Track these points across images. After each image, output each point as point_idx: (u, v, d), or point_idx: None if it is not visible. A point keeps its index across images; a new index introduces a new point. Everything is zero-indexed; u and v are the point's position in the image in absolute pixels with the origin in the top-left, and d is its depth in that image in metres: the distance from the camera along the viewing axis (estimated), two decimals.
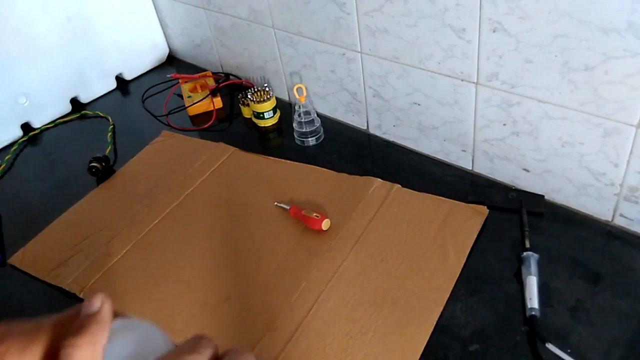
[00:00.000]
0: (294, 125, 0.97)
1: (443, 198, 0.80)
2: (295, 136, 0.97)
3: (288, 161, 0.92)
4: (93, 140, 1.06)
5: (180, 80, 1.15)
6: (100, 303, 0.31)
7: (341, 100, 0.98)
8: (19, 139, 1.09)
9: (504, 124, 0.77)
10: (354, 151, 0.95)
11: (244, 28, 1.05)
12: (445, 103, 0.82)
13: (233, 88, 1.14)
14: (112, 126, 1.08)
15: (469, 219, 0.77)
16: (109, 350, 0.29)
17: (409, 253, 0.73)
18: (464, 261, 0.72)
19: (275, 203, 0.83)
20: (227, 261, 0.77)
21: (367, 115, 0.96)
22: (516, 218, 0.77)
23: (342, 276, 0.72)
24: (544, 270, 0.69)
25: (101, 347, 0.29)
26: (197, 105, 1.08)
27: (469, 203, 0.79)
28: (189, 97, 1.10)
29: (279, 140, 1.01)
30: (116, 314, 0.32)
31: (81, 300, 0.75)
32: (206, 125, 1.05)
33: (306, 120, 0.95)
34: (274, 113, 1.02)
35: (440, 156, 0.90)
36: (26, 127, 1.10)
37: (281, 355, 0.64)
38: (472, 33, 0.72)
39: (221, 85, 1.12)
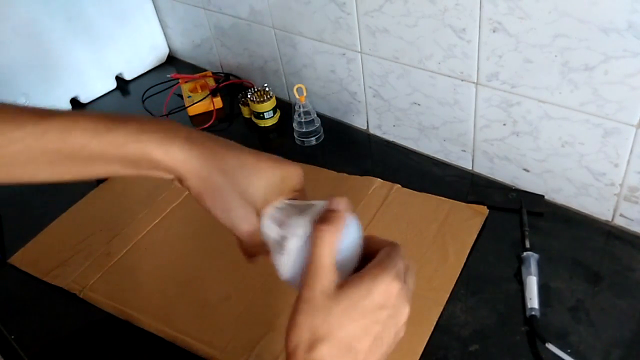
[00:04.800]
0: (294, 125, 0.97)
1: (443, 198, 0.80)
2: (295, 136, 0.97)
3: None
4: None
5: (180, 80, 1.15)
6: (344, 205, 0.43)
7: (341, 100, 0.98)
8: None
9: (504, 124, 0.77)
10: (354, 151, 0.95)
11: (244, 28, 1.05)
12: (445, 103, 0.82)
13: (233, 88, 1.14)
14: None
15: (469, 219, 0.77)
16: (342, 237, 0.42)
17: (409, 253, 0.73)
18: (464, 261, 0.72)
19: None
20: (227, 261, 0.77)
21: (367, 115, 0.96)
22: (516, 218, 0.77)
23: None
24: (544, 270, 0.69)
25: (340, 233, 0.41)
26: (197, 105, 1.08)
27: (469, 203, 0.79)
28: (189, 97, 1.10)
29: (279, 140, 1.01)
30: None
31: (81, 300, 0.75)
32: (206, 126, 1.05)
33: (306, 120, 0.95)
34: (274, 113, 1.02)
35: (440, 156, 0.90)
36: None
37: (281, 355, 0.64)
38: (472, 33, 0.72)
39: (221, 85, 1.12)
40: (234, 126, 1.06)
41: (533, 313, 0.64)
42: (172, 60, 1.30)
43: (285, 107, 1.05)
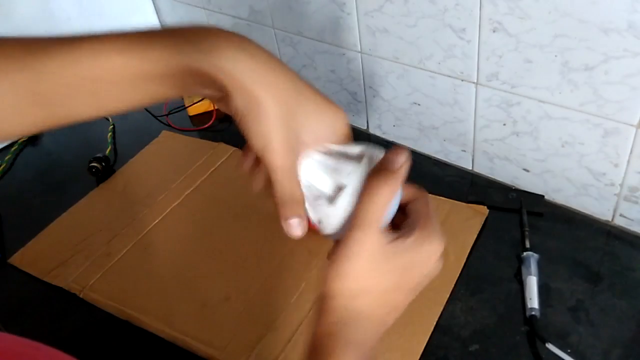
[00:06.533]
0: None
1: (443, 198, 0.80)
2: None
3: None
4: (93, 140, 1.06)
5: None
6: (405, 158, 0.43)
7: (341, 100, 0.98)
8: (19, 139, 1.09)
9: (504, 124, 0.77)
10: None
11: (244, 28, 1.05)
12: (445, 103, 0.82)
13: None
14: (112, 126, 1.08)
15: (469, 219, 0.77)
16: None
17: None
18: (464, 261, 0.72)
19: None
20: (227, 261, 0.77)
21: (367, 115, 0.96)
22: (516, 218, 0.77)
23: None
24: (544, 270, 0.69)
25: (395, 193, 0.41)
26: (197, 105, 1.08)
27: (469, 203, 0.79)
28: (189, 97, 1.10)
29: None
30: None
31: (81, 300, 0.75)
32: (206, 126, 1.05)
33: None
34: None
35: (440, 156, 0.90)
36: None
37: (281, 355, 0.64)
38: (472, 33, 0.72)
39: None
40: (233, 126, 1.05)
41: (533, 313, 0.64)
42: None
43: None
